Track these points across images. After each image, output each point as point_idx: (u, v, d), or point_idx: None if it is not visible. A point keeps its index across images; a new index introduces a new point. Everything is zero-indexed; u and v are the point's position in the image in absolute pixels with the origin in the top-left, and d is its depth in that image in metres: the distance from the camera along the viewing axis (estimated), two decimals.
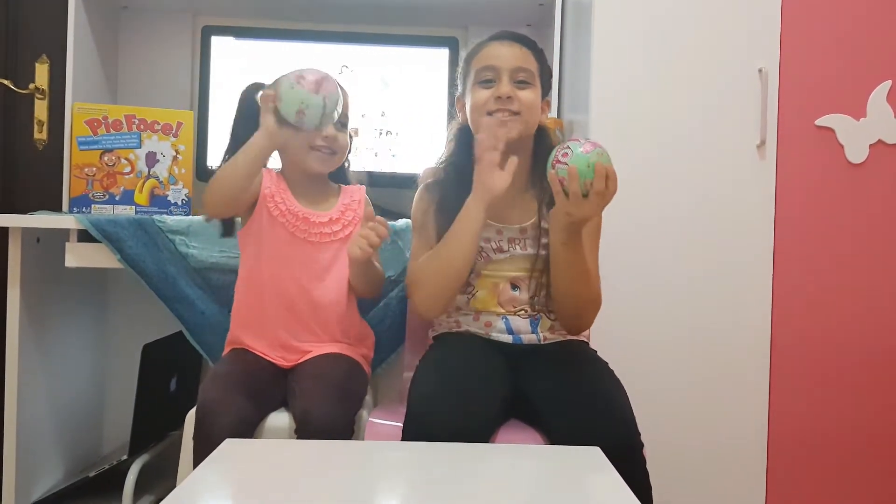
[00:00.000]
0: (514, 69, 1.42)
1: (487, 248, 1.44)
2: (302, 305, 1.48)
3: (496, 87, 1.41)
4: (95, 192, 1.83)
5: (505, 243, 1.45)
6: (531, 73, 1.44)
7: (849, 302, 1.80)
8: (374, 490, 0.98)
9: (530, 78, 1.43)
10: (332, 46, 2.08)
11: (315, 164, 1.52)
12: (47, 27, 2.11)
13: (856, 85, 1.79)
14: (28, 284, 1.75)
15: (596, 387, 1.29)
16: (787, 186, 1.79)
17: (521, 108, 1.41)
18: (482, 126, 1.39)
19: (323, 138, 1.49)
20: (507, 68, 1.41)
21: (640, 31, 1.78)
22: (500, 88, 1.40)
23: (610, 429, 1.20)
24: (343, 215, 1.54)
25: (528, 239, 1.44)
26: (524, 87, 1.42)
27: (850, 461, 1.79)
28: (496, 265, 1.45)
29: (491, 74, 1.42)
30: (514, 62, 1.42)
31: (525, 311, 1.43)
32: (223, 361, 1.48)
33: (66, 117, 1.86)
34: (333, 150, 1.52)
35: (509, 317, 1.43)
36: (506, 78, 1.41)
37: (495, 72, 1.42)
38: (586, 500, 0.95)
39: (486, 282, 1.44)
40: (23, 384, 1.74)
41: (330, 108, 1.41)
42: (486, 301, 1.44)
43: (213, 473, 1.00)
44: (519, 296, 1.43)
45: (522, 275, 1.44)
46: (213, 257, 1.72)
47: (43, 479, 1.86)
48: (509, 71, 1.41)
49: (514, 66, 1.42)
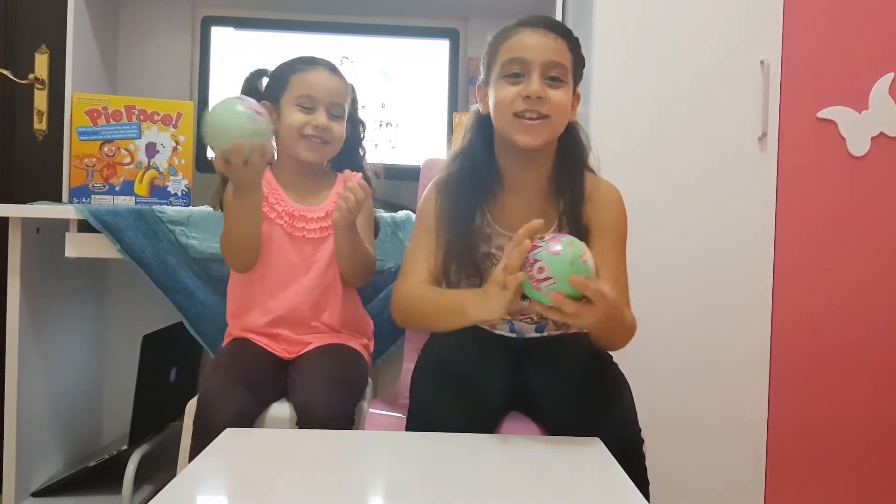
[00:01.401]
0: (545, 63, 1.26)
1: (499, 256, 1.31)
2: (302, 300, 1.48)
3: (525, 84, 1.26)
4: (95, 182, 1.83)
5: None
6: (564, 69, 1.29)
7: (849, 294, 1.79)
8: (374, 480, 0.98)
9: (563, 74, 1.28)
10: (333, 37, 2.07)
11: (304, 153, 1.49)
12: (47, 17, 2.10)
13: (858, 77, 1.79)
14: (28, 274, 1.75)
15: (597, 381, 1.26)
16: (788, 179, 1.78)
17: (552, 111, 1.27)
18: (514, 247, 1.12)
19: (314, 127, 1.47)
20: (539, 62, 1.26)
21: (640, 24, 1.78)
22: (530, 86, 1.25)
23: (609, 423, 1.18)
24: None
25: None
26: (556, 84, 1.28)
27: (849, 454, 1.80)
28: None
29: (519, 68, 1.27)
30: (547, 55, 1.26)
31: (532, 318, 1.37)
32: (224, 352, 1.47)
33: (65, 108, 1.86)
34: (325, 140, 1.49)
35: (514, 322, 1.37)
36: (536, 74, 1.26)
37: (524, 65, 1.26)
38: (587, 491, 0.95)
39: None
40: (23, 374, 1.74)
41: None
42: None
43: (212, 463, 1.00)
44: (528, 306, 1.34)
45: None
46: (213, 248, 1.71)
47: (43, 469, 1.86)
48: (541, 66, 1.26)
49: (546, 61, 1.26)
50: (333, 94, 1.49)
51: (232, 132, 1.30)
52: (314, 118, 1.47)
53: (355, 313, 1.56)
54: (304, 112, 1.48)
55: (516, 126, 1.28)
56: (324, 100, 1.48)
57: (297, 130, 1.47)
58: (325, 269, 1.49)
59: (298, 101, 1.48)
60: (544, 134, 1.29)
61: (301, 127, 1.47)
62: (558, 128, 1.31)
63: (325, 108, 1.48)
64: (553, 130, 1.30)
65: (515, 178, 1.36)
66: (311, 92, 1.48)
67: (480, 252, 1.34)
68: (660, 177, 1.77)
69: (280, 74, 1.52)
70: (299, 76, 1.49)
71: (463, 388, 1.20)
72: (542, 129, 1.28)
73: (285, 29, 2.09)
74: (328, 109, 1.49)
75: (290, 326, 1.47)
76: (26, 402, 1.76)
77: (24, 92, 2.12)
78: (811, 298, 1.79)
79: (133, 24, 2.18)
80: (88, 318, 2.07)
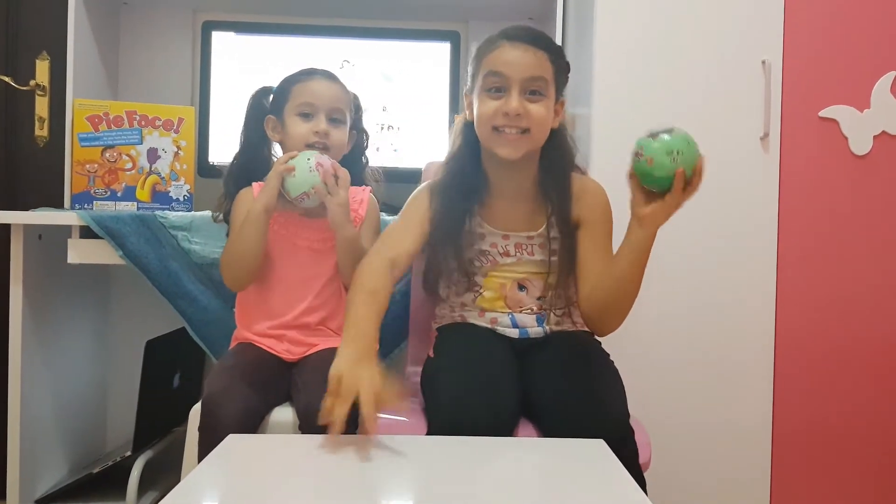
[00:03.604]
0: (525, 80, 1.31)
1: (493, 253, 1.41)
2: (308, 307, 1.48)
3: (505, 101, 1.31)
4: (97, 188, 1.83)
5: (512, 248, 1.42)
6: (544, 82, 1.33)
7: (853, 294, 1.79)
8: (378, 484, 0.98)
9: (543, 87, 1.33)
10: (333, 41, 2.07)
11: None
12: (48, 24, 2.11)
13: (859, 76, 1.79)
14: (30, 281, 1.75)
15: (588, 379, 1.28)
16: (790, 178, 1.78)
17: (531, 125, 1.32)
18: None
19: (314, 133, 1.49)
20: (518, 79, 1.31)
21: (642, 24, 1.77)
22: (510, 104, 1.30)
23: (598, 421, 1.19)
24: None
25: (535, 245, 1.41)
26: (536, 99, 1.32)
27: (854, 454, 1.79)
28: (502, 268, 1.42)
29: (500, 82, 1.32)
30: (526, 72, 1.31)
31: (531, 309, 1.41)
32: (229, 355, 1.48)
33: (66, 114, 1.86)
34: (326, 146, 1.50)
35: (515, 314, 1.41)
36: (515, 92, 1.31)
37: (504, 80, 1.31)
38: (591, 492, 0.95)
39: (493, 282, 1.42)
40: (26, 381, 1.74)
41: (324, 195, 1.41)
42: (493, 301, 1.42)
43: (216, 468, 1.00)
44: (525, 296, 1.41)
45: (530, 277, 1.42)
46: (216, 253, 1.71)
47: (47, 476, 1.86)
48: (520, 82, 1.31)
49: (525, 77, 1.31)
50: (333, 100, 1.51)
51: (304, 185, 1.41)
52: (314, 124, 1.49)
53: None
54: (305, 120, 1.50)
55: (496, 139, 1.34)
56: (324, 106, 1.50)
57: (300, 141, 1.49)
58: (332, 278, 1.51)
59: (299, 110, 1.50)
60: (524, 147, 1.34)
61: (304, 137, 1.49)
62: (539, 140, 1.36)
63: (325, 114, 1.50)
64: (534, 143, 1.36)
65: (502, 184, 1.42)
66: (311, 99, 1.50)
67: (475, 250, 1.42)
68: None
69: (282, 87, 1.54)
70: (299, 86, 1.51)
71: (488, 389, 1.23)
72: (522, 142, 1.33)
73: (286, 33, 2.09)
74: (328, 115, 1.50)
75: (295, 329, 1.48)
76: (30, 409, 1.76)
77: (26, 98, 2.12)
78: (815, 298, 1.79)
79: (134, 30, 2.18)
80: (91, 324, 2.07)
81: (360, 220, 1.53)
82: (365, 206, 1.56)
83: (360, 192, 1.58)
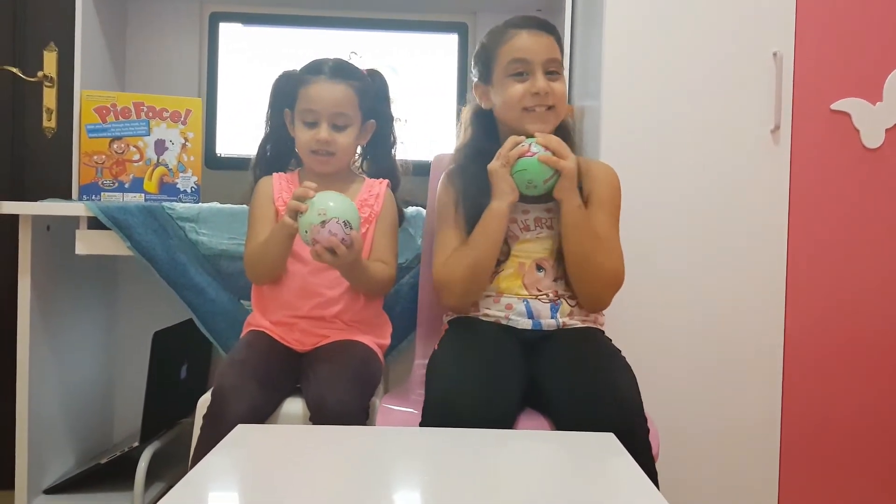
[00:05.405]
0: (545, 62, 1.43)
1: (515, 228, 1.46)
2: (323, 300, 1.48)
3: (531, 82, 1.42)
4: (105, 179, 1.83)
5: (532, 222, 1.46)
6: (558, 63, 1.46)
7: (864, 289, 1.78)
8: (388, 475, 0.97)
9: (559, 68, 1.46)
10: (341, 32, 2.07)
11: (315, 166, 1.53)
12: (55, 15, 2.11)
13: (871, 69, 1.77)
14: (38, 272, 1.75)
15: (601, 372, 1.28)
16: (801, 171, 1.77)
17: (556, 101, 1.44)
18: (507, 144, 1.39)
19: (316, 142, 1.49)
20: (540, 61, 1.43)
21: (652, 15, 1.76)
22: (537, 83, 1.41)
23: (612, 414, 1.19)
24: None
25: (553, 218, 1.45)
26: (555, 78, 1.44)
27: (863, 452, 1.78)
28: (523, 245, 1.45)
29: (522, 67, 1.43)
30: (546, 54, 1.43)
31: (547, 295, 1.42)
32: (240, 346, 1.47)
33: (74, 105, 1.86)
34: (331, 152, 1.50)
35: (530, 300, 1.42)
36: (539, 72, 1.42)
37: (527, 65, 1.43)
38: (602, 485, 0.94)
39: (513, 262, 1.44)
40: (34, 372, 1.74)
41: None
42: (511, 281, 1.43)
43: (224, 459, 0.99)
44: (543, 278, 1.43)
45: (548, 256, 1.44)
46: (223, 244, 1.71)
47: (55, 467, 1.87)
48: (542, 64, 1.43)
49: (545, 59, 1.43)
50: (334, 105, 1.49)
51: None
52: (316, 133, 1.49)
53: (374, 314, 1.56)
54: (308, 128, 1.50)
55: (528, 118, 1.44)
56: (325, 112, 1.49)
57: (304, 148, 1.51)
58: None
59: (302, 117, 1.50)
60: (552, 121, 1.45)
61: (307, 145, 1.50)
62: (561, 114, 1.48)
63: (327, 121, 1.49)
64: (558, 118, 1.47)
65: None
66: (312, 106, 1.49)
67: None
68: (672, 170, 1.76)
69: (293, 85, 1.53)
70: (304, 89, 1.51)
71: (483, 383, 1.24)
72: (550, 116, 1.45)
73: (293, 24, 2.08)
74: (330, 121, 1.49)
75: (308, 320, 1.49)
76: (38, 400, 1.77)
77: (33, 90, 2.12)
78: (825, 293, 1.77)
79: (141, 21, 2.18)
80: (99, 315, 2.07)
81: (376, 216, 1.52)
82: (381, 201, 1.54)
83: (376, 185, 1.57)
